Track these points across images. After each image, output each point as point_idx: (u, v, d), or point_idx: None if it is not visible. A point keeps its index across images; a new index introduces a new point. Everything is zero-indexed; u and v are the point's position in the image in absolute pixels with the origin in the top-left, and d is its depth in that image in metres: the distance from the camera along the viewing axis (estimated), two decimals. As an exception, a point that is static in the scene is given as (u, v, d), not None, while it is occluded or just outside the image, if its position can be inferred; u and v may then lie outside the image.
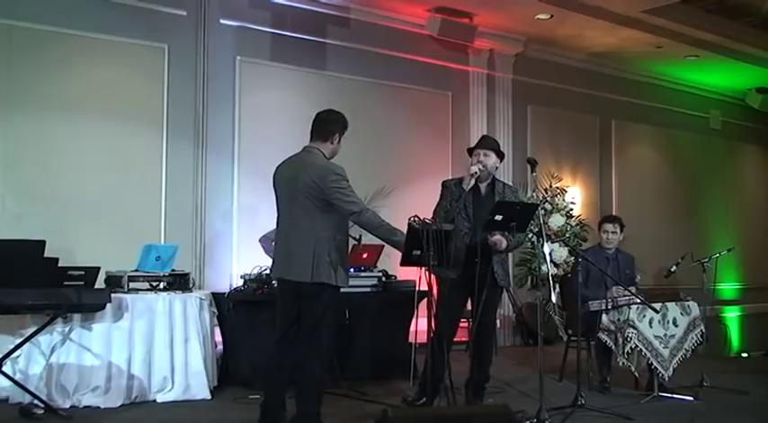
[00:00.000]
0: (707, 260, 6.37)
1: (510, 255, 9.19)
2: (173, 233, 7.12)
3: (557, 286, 7.27)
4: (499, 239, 4.94)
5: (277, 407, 4.38)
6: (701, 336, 5.82)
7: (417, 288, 4.77)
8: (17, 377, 5.03)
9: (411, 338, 6.35)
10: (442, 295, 4.95)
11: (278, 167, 4.54)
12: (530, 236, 8.62)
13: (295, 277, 4.26)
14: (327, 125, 4.47)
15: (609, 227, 6.28)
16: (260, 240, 7.45)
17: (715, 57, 10.45)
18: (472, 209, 5.06)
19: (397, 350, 6.31)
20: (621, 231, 6.35)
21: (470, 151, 5.25)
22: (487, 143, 5.25)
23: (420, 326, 5.00)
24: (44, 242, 4.96)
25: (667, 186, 11.52)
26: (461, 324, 5.75)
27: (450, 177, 5.51)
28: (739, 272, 12.08)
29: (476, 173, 4.99)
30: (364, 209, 4.27)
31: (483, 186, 5.18)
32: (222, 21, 7.72)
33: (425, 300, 4.69)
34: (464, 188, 4.99)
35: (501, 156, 5.18)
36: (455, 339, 5.40)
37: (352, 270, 6.49)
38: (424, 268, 4.32)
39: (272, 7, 8.01)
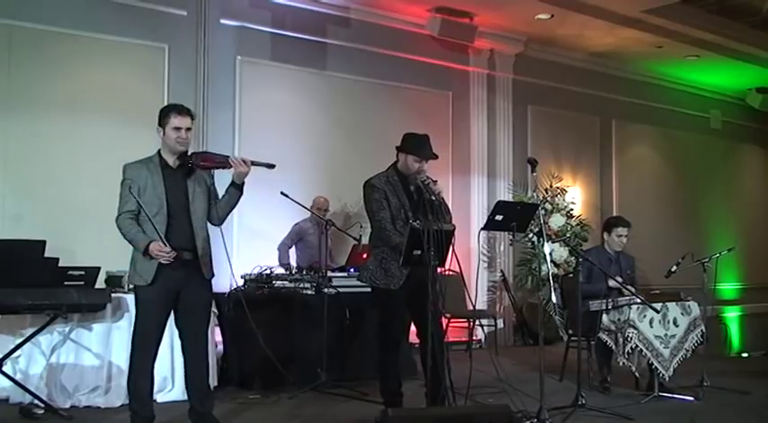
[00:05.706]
0: (707, 260, 6.35)
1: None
2: (173, 233, 7.10)
3: (557, 286, 7.26)
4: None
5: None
6: (702, 336, 5.82)
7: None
8: (17, 377, 5.03)
9: (412, 338, 6.33)
10: (385, 308, 4.82)
11: None
12: (530, 236, 8.67)
13: None
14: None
15: (623, 231, 6.25)
16: (278, 247, 7.42)
17: (715, 57, 10.45)
18: (410, 211, 4.79)
19: (397, 350, 6.29)
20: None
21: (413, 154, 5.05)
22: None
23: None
24: (44, 242, 4.96)
25: (667, 186, 11.52)
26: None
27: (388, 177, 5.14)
28: (739, 272, 12.07)
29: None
30: (119, 217, 4.16)
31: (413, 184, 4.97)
32: (222, 21, 7.71)
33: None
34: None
35: None
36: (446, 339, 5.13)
37: (352, 270, 6.49)
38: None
39: (272, 7, 8.01)
